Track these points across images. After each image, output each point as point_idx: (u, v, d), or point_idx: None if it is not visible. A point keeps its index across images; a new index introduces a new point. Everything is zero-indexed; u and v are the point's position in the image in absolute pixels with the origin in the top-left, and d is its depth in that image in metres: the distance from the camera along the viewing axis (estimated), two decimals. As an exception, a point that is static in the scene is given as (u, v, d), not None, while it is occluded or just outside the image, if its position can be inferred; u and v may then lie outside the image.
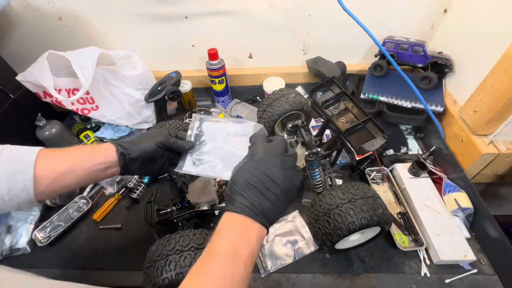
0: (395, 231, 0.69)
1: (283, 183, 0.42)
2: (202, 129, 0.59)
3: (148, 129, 0.98)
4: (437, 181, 0.76)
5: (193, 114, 0.60)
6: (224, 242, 0.37)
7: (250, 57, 1.08)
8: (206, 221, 0.74)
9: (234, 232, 0.38)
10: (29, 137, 0.89)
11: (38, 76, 0.80)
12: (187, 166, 0.55)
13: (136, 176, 0.85)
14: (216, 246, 0.37)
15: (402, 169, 0.78)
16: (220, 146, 0.58)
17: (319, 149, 0.63)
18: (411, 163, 0.77)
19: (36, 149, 0.45)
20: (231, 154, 0.56)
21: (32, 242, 0.73)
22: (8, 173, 0.42)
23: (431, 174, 0.78)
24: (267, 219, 0.41)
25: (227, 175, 0.54)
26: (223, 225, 0.39)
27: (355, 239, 0.63)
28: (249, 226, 0.39)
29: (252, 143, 0.48)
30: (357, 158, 0.78)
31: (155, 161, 0.54)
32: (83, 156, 0.48)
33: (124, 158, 0.49)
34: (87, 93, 0.86)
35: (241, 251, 0.37)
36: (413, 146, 0.90)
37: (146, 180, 0.84)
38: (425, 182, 0.76)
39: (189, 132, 0.58)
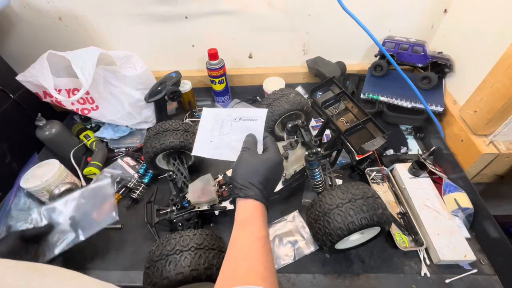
0: (395, 231, 0.69)
1: (278, 175, 0.55)
2: (209, 116, 0.64)
3: (148, 129, 0.97)
4: (437, 181, 0.76)
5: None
6: (261, 228, 0.46)
7: (250, 57, 1.08)
8: (206, 221, 0.74)
9: (262, 219, 0.48)
10: (29, 137, 0.88)
11: (38, 76, 0.80)
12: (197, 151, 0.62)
13: (136, 176, 0.85)
14: (257, 232, 0.45)
15: (402, 169, 0.78)
16: (227, 132, 0.62)
17: (319, 149, 0.63)
18: (411, 163, 0.77)
19: None
20: (236, 140, 0.61)
21: (32, 242, 0.73)
22: None
23: (431, 174, 0.78)
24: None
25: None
26: (252, 214, 0.48)
27: (355, 239, 0.63)
28: (265, 214, 0.50)
29: (264, 144, 0.57)
30: (357, 158, 0.78)
31: None
32: None
33: None
34: (87, 93, 0.86)
35: (268, 233, 0.47)
36: (413, 146, 0.90)
37: (146, 180, 0.85)
38: (425, 182, 0.76)
39: (201, 123, 0.65)
